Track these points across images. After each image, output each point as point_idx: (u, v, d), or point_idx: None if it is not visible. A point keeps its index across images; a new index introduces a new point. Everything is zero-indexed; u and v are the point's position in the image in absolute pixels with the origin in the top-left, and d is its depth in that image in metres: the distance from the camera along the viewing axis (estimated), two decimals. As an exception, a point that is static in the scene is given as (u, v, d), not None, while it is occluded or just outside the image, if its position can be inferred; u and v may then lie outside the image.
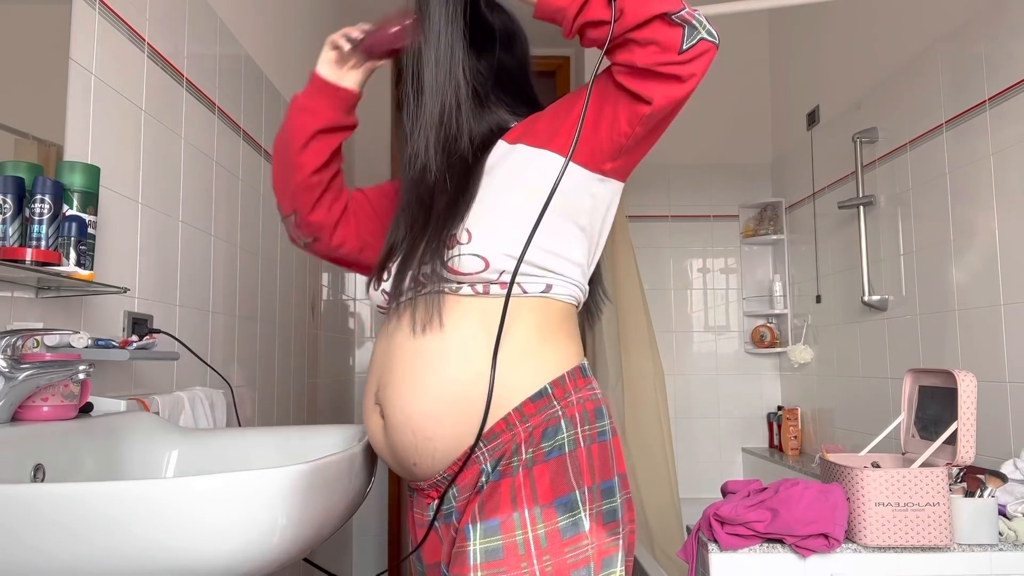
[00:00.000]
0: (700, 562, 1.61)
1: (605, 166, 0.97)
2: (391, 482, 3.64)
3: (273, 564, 0.74)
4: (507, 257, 0.93)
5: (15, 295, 1.10)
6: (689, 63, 0.87)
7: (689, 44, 0.87)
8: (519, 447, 0.92)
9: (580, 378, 0.98)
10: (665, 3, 0.87)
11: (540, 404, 0.94)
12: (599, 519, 0.92)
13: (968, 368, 2.03)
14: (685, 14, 0.87)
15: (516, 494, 0.90)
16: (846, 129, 2.76)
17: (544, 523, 0.89)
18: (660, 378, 3.01)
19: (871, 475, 1.52)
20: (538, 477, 0.91)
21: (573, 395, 0.96)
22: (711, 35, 0.88)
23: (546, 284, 0.96)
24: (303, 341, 2.65)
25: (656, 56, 0.87)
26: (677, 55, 0.87)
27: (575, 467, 0.92)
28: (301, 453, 1.18)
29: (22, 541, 0.66)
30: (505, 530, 0.88)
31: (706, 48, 0.88)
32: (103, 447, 1.03)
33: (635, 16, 0.87)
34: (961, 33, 2.08)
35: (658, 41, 0.87)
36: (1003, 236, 1.92)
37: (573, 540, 0.89)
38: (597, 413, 0.97)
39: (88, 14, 1.29)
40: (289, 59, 2.53)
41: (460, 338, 0.94)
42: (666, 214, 3.50)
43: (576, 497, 0.91)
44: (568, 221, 0.98)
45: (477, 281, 0.94)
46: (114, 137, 1.37)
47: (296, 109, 1.10)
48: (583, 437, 0.94)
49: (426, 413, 0.94)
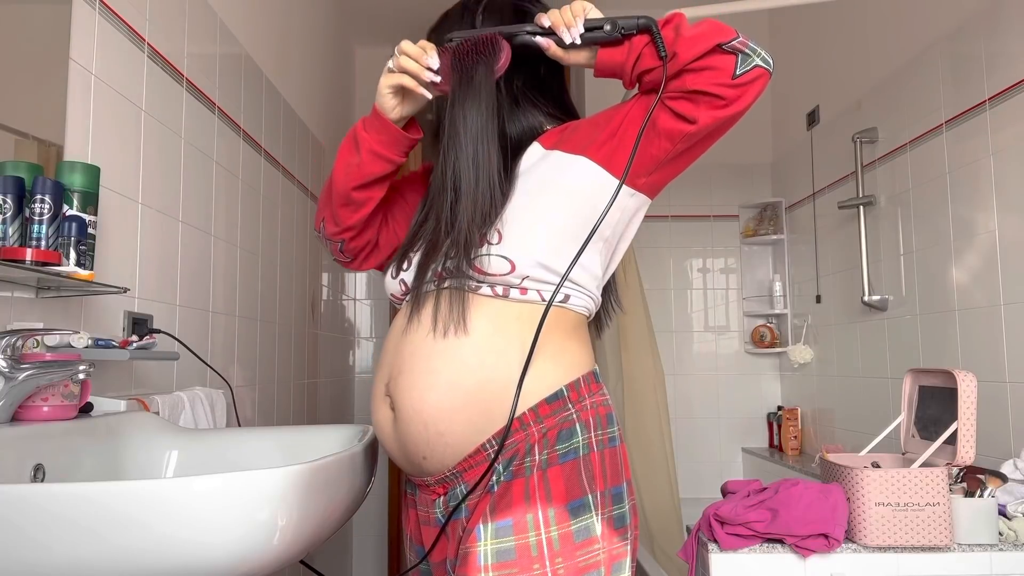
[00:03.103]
0: (700, 562, 1.61)
1: (639, 180, 1.00)
2: (391, 482, 3.64)
3: (273, 564, 0.74)
4: (535, 263, 0.93)
5: (15, 295, 1.10)
6: (740, 87, 0.90)
7: (743, 70, 0.89)
8: (532, 448, 0.93)
9: (593, 383, 1.00)
10: (717, 35, 0.89)
11: (555, 406, 0.95)
12: (610, 524, 0.93)
13: (968, 368, 2.03)
14: (737, 43, 0.90)
15: (530, 495, 0.90)
16: (846, 129, 2.76)
17: (558, 525, 0.89)
18: (660, 378, 3.01)
19: (871, 475, 1.52)
20: (552, 479, 0.91)
21: (587, 399, 0.97)
22: (766, 63, 0.90)
23: (564, 295, 0.98)
24: (303, 341, 2.65)
25: (709, 79, 0.90)
26: (730, 79, 0.89)
27: (588, 471, 0.93)
28: (301, 453, 1.18)
29: (30, 539, 0.66)
30: (518, 531, 0.89)
31: (759, 74, 0.90)
32: (103, 447, 1.03)
33: (688, 54, 0.90)
34: (961, 33, 2.08)
35: (712, 67, 0.89)
36: (1003, 236, 1.92)
37: (585, 544, 0.90)
38: (608, 419, 0.99)
39: (88, 14, 1.29)
40: (289, 59, 2.53)
41: (477, 336, 0.94)
42: (666, 214, 3.50)
43: (589, 501, 0.92)
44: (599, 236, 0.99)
45: (500, 283, 0.94)
46: (114, 137, 1.37)
47: (371, 155, 1.03)
48: (596, 442, 0.96)
49: (439, 406, 0.93)
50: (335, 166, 1.07)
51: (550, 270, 0.95)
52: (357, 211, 1.07)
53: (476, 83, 0.94)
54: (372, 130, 1.03)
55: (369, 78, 3.79)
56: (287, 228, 2.46)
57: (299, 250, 2.61)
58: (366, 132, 1.03)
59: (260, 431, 1.21)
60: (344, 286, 3.42)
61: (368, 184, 1.05)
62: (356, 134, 1.04)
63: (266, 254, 2.24)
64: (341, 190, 1.06)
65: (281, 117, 2.40)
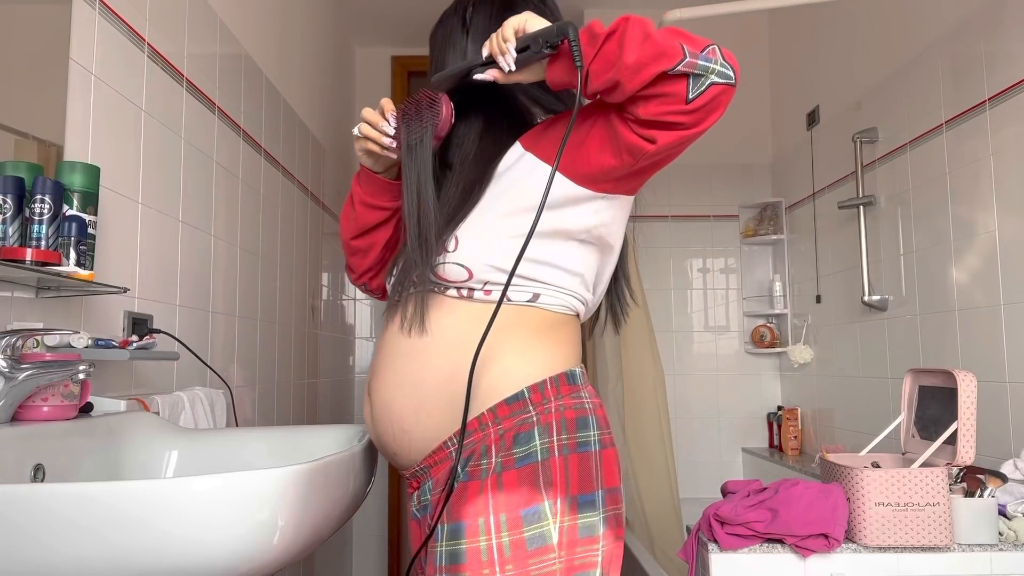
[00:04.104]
0: (700, 562, 1.61)
1: (606, 186, 0.95)
2: (391, 482, 3.65)
3: (273, 564, 0.74)
4: (490, 268, 0.94)
5: (15, 295, 1.10)
6: (697, 111, 0.84)
7: (697, 92, 0.83)
8: (488, 449, 0.92)
9: (565, 385, 0.96)
10: (660, 62, 0.82)
11: (515, 407, 0.93)
12: (571, 533, 0.89)
13: (968, 368, 2.03)
14: (684, 66, 0.82)
15: (483, 499, 0.89)
16: (846, 129, 2.76)
17: (509, 532, 0.87)
18: (660, 378, 3.01)
19: (871, 475, 1.52)
20: (507, 484, 0.89)
21: (553, 402, 0.94)
22: (724, 77, 0.83)
23: (533, 294, 0.97)
24: (303, 341, 2.65)
25: (660, 108, 0.84)
26: (684, 104, 0.83)
27: (547, 477, 0.90)
28: (301, 453, 1.18)
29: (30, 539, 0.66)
30: (469, 534, 0.88)
31: (717, 92, 0.83)
32: (103, 447, 1.03)
33: (632, 84, 0.83)
34: (961, 33, 2.08)
35: (661, 95, 0.83)
36: (1003, 236, 1.92)
37: (539, 552, 0.87)
38: (579, 423, 0.94)
39: (88, 14, 1.29)
40: (289, 59, 2.53)
41: (441, 337, 0.97)
42: (666, 214, 3.50)
43: (546, 508, 0.89)
44: (563, 235, 0.97)
45: (463, 287, 0.97)
46: (114, 137, 1.37)
47: (363, 206, 1.11)
48: (559, 446, 0.92)
49: (403, 404, 0.98)
50: (340, 221, 1.17)
51: (506, 271, 0.94)
52: (365, 257, 1.16)
53: (413, 147, 1.00)
54: (362, 183, 1.11)
55: (369, 78, 3.79)
56: (287, 228, 2.47)
57: (299, 250, 2.61)
58: (359, 185, 1.11)
59: (260, 431, 1.21)
60: (344, 286, 3.42)
61: (367, 232, 1.13)
62: (352, 188, 1.13)
63: (266, 254, 2.24)
64: (345, 240, 1.16)
65: (281, 117, 2.40)
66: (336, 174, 3.25)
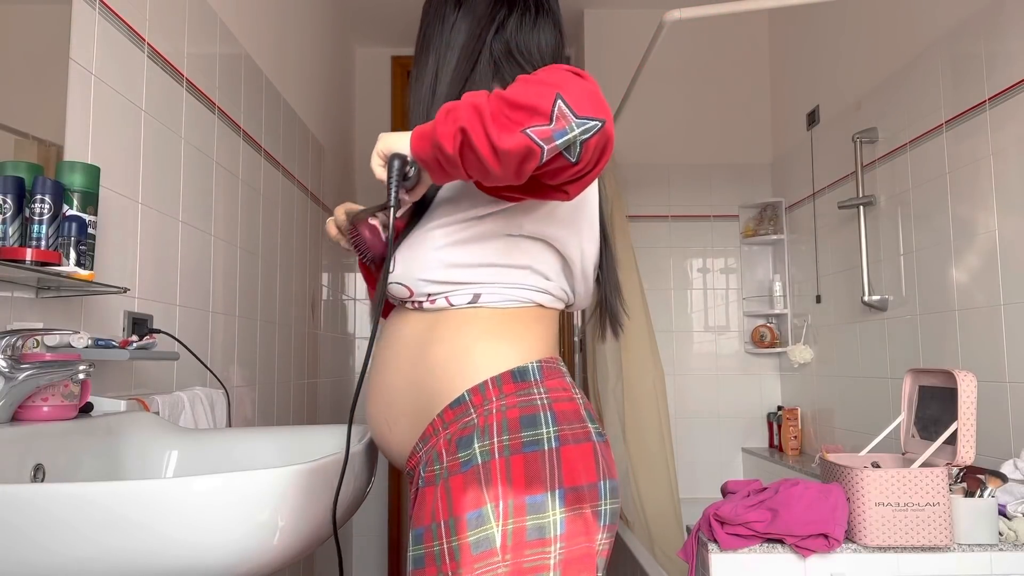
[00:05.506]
0: (700, 562, 1.61)
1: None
2: (391, 482, 3.65)
3: (273, 564, 0.74)
4: (423, 282, 0.96)
5: (15, 295, 1.10)
6: (590, 161, 0.81)
7: (576, 154, 0.79)
8: (440, 454, 0.93)
9: (509, 383, 0.94)
10: (529, 161, 0.79)
11: (458, 411, 0.93)
12: (518, 536, 0.87)
13: (968, 368, 2.03)
14: (549, 150, 0.78)
15: (435, 505, 0.90)
16: (846, 129, 2.76)
17: (458, 536, 0.87)
18: (660, 378, 3.01)
19: (871, 475, 1.52)
20: (453, 488, 0.89)
21: (494, 403, 0.92)
22: (588, 131, 0.78)
23: (473, 295, 0.96)
24: (303, 341, 2.65)
25: (557, 177, 0.83)
26: (572, 167, 0.81)
27: (487, 479, 0.88)
28: (301, 453, 1.18)
29: (30, 539, 0.66)
30: (426, 540, 0.89)
31: (594, 143, 0.80)
32: (103, 447, 1.03)
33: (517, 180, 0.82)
34: (960, 33, 2.08)
35: (550, 171, 0.82)
36: (1003, 236, 1.92)
37: (483, 556, 0.86)
38: (526, 421, 0.91)
39: (88, 14, 1.29)
40: (289, 59, 2.53)
41: (404, 346, 1.01)
42: (666, 214, 3.50)
43: (488, 511, 0.87)
44: (499, 234, 0.96)
45: (408, 301, 1.00)
46: (114, 137, 1.37)
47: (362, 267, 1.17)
48: (500, 448, 0.89)
49: (374, 415, 1.03)
50: None
51: (438, 281, 0.96)
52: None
53: (372, 263, 1.02)
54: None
55: (369, 78, 3.80)
56: (287, 228, 2.47)
57: (299, 250, 2.61)
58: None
59: (260, 431, 1.21)
60: (344, 286, 3.42)
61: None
62: None
63: (266, 254, 2.24)
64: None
65: (281, 117, 2.40)
66: (336, 174, 3.25)
